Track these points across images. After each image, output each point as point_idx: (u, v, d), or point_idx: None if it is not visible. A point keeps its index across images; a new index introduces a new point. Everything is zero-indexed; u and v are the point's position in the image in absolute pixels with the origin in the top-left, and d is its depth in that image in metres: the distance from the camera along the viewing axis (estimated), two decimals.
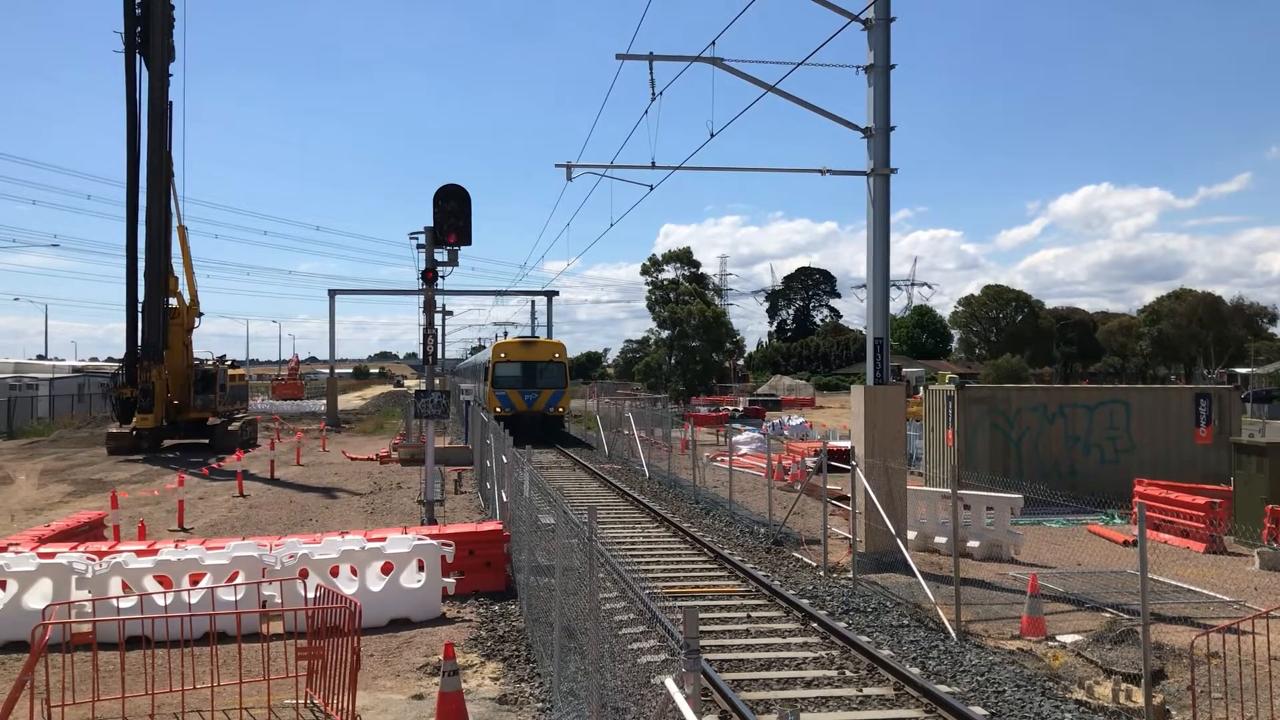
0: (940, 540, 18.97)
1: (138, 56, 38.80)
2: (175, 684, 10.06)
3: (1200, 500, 19.98)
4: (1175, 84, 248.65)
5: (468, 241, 21.27)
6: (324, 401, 70.06)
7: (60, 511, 23.38)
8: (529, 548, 13.17)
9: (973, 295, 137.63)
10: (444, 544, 14.24)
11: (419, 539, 14.33)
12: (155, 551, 13.88)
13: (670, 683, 5.63)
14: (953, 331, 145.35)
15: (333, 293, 67.03)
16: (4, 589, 12.78)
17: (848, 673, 11.50)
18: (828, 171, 20.12)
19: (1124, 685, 10.81)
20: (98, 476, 31.85)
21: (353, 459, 38.18)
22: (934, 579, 15.41)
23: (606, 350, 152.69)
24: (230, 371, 46.64)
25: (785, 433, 46.19)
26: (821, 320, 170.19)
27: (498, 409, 42.38)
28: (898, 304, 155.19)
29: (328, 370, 76.64)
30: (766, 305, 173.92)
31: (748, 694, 10.64)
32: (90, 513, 19.38)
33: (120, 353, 42.38)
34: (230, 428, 42.05)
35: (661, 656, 11.85)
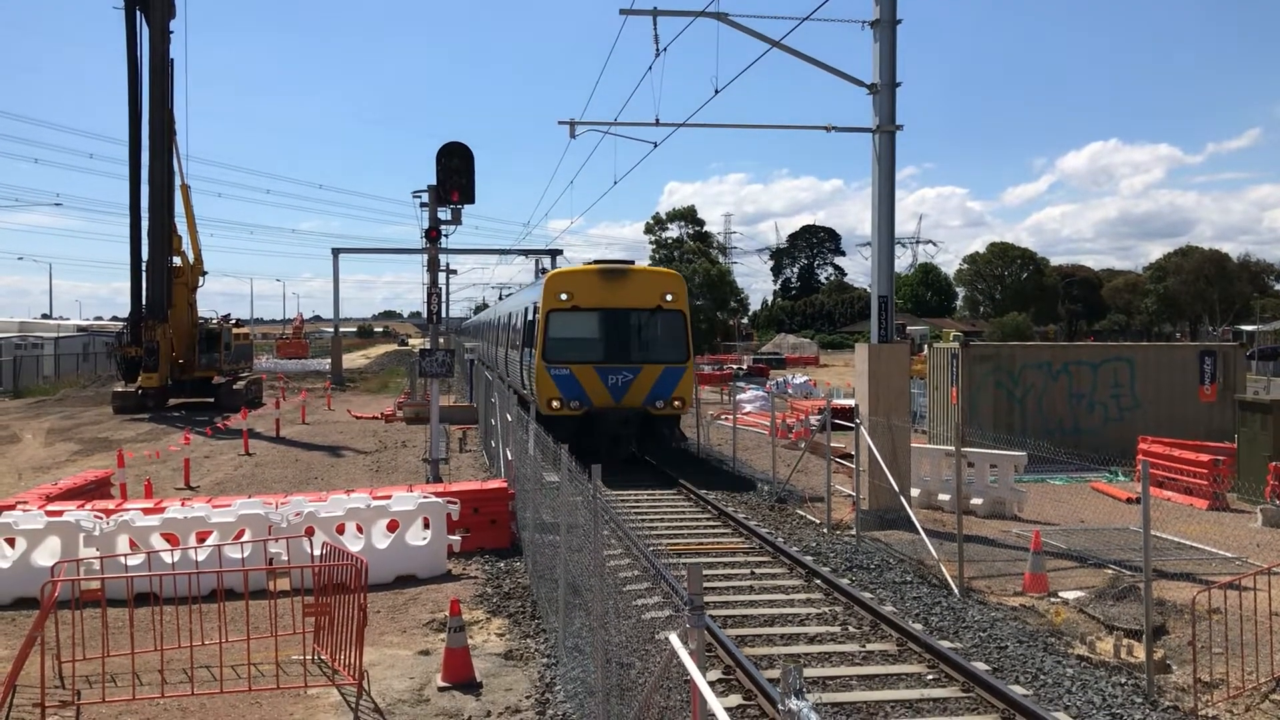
0: (944, 498, 19.02)
1: (138, 13, 38.50)
2: (183, 640, 10.16)
3: (1204, 457, 19.99)
4: (1185, 39, 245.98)
5: (471, 200, 21.17)
6: (328, 360, 70.17)
7: (67, 470, 23.50)
8: (533, 505, 13.23)
9: (978, 253, 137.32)
10: (449, 501, 14.29)
11: (424, 497, 14.39)
12: (162, 509, 13.94)
13: (674, 638, 5.66)
14: (957, 289, 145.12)
15: (336, 251, 66.89)
16: (13, 546, 12.87)
17: (850, 629, 11.57)
18: (833, 128, 19.95)
19: (1125, 641, 10.87)
20: (104, 435, 31.98)
21: (358, 417, 38.28)
22: (937, 536, 15.46)
23: None
24: (235, 330, 46.71)
25: (789, 391, 46.21)
26: (826, 278, 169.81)
27: (554, 401, 23.23)
28: (903, 261, 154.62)
29: (332, 329, 76.62)
30: (771, 263, 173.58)
31: (751, 649, 10.71)
32: (97, 471, 19.47)
33: (125, 312, 42.46)
34: (235, 386, 42.14)
35: (666, 613, 11.93)
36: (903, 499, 16.30)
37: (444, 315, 47.03)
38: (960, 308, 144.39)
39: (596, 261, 25.00)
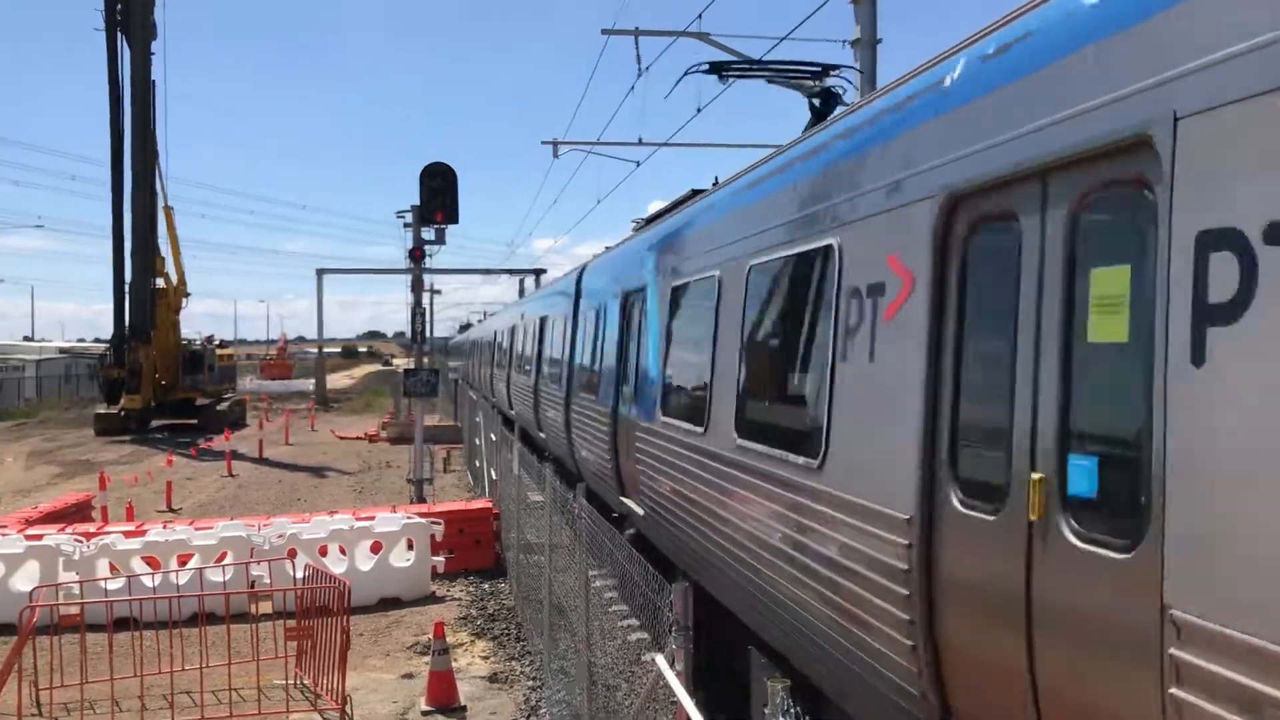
0: None
1: (119, 35, 38.49)
2: (164, 665, 10.03)
3: None
4: None
5: (455, 220, 21.18)
6: (312, 381, 69.97)
7: (47, 493, 23.29)
8: (518, 525, 13.16)
9: None
10: (433, 522, 14.21)
11: (408, 518, 14.30)
12: (143, 532, 13.82)
13: (661, 659, 5.62)
14: None
15: (320, 272, 66.75)
16: None
17: None
18: None
19: None
20: (85, 458, 31.75)
21: (341, 438, 38.12)
22: None
23: None
24: (218, 351, 46.59)
25: None
26: None
27: None
28: None
29: (316, 349, 76.42)
30: None
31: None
32: (78, 494, 19.32)
33: (108, 334, 42.27)
34: (219, 408, 41.99)
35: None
36: None
37: (429, 335, 46.78)
38: None
39: None
